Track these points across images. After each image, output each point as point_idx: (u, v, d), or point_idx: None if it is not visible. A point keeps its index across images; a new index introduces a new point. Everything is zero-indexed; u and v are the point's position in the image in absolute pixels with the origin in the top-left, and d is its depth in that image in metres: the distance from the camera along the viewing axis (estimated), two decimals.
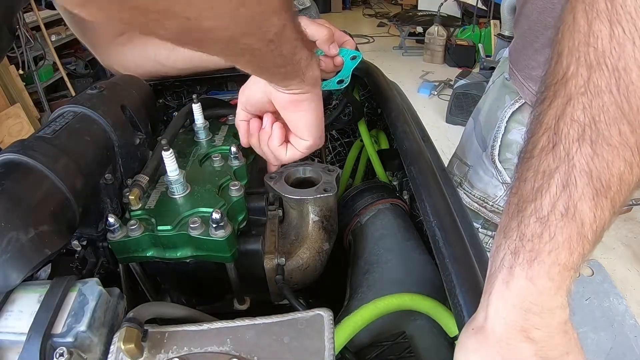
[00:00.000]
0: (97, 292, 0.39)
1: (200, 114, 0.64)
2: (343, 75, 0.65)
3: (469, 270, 0.38)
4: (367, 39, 5.40)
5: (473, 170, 0.83)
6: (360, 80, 0.81)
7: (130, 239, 0.47)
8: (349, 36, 0.69)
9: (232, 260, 0.49)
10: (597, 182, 0.29)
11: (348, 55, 0.67)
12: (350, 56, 0.67)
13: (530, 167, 0.32)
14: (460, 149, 0.91)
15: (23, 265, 0.39)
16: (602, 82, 0.28)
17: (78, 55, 3.42)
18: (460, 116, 3.06)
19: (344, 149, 0.94)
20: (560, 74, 0.31)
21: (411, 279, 0.54)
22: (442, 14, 4.22)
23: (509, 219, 0.33)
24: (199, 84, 0.85)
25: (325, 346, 0.38)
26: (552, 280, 0.30)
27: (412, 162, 0.53)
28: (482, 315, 0.32)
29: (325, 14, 6.75)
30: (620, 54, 0.28)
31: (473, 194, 0.83)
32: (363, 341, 0.50)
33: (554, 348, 0.31)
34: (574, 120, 0.30)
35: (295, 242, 0.58)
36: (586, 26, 0.29)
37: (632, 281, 1.78)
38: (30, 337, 0.35)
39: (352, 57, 0.67)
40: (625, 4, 0.27)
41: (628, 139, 0.28)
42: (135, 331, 0.37)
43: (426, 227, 0.45)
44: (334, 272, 0.64)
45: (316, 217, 0.59)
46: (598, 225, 0.30)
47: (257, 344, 0.38)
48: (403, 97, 0.80)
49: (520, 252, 0.31)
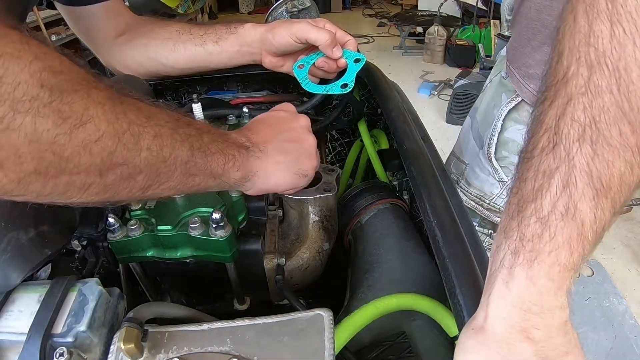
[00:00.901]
0: (97, 292, 0.39)
1: (200, 114, 0.64)
2: (347, 79, 0.65)
3: (469, 270, 0.38)
4: (367, 39, 5.40)
5: (470, 168, 0.83)
6: (360, 80, 0.81)
7: (130, 239, 0.47)
8: (350, 36, 0.69)
9: (232, 260, 0.49)
10: (597, 183, 0.29)
11: (352, 58, 0.66)
12: (354, 59, 0.66)
13: (530, 167, 0.32)
14: (458, 147, 0.91)
15: (23, 265, 0.39)
16: (603, 82, 0.28)
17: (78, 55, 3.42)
18: (460, 116, 3.05)
19: (344, 149, 0.94)
20: (560, 74, 0.31)
21: (411, 279, 0.54)
22: (442, 14, 4.22)
23: (509, 219, 0.33)
24: (199, 84, 0.85)
25: (325, 346, 0.38)
26: (552, 281, 0.30)
27: (412, 162, 0.53)
28: (482, 315, 0.32)
29: (325, 14, 6.75)
30: (621, 54, 0.28)
31: (470, 192, 0.83)
32: (363, 341, 0.50)
33: (553, 348, 0.31)
34: (574, 120, 0.30)
35: (295, 242, 0.58)
36: (587, 26, 0.29)
37: (632, 281, 1.78)
38: (30, 337, 0.35)
39: (355, 60, 0.66)
40: (625, 4, 0.27)
41: (628, 139, 0.28)
42: (135, 331, 0.37)
43: (426, 227, 0.45)
44: (334, 272, 0.64)
45: (316, 217, 0.59)
46: (598, 226, 0.30)
47: (257, 344, 0.38)
48: (403, 97, 0.80)
49: (521, 252, 0.31)
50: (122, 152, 0.31)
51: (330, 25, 0.68)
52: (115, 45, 0.73)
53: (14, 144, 0.26)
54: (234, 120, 0.70)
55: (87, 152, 0.29)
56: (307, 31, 0.64)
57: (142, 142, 0.33)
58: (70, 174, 0.29)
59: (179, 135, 0.37)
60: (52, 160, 0.28)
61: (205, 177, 0.41)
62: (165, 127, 0.36)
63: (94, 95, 0.29)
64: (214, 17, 6.81)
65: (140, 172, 0.34)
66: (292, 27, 0.66)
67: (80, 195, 0.31)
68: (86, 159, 0.29)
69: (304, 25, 0.65)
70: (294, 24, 0.66)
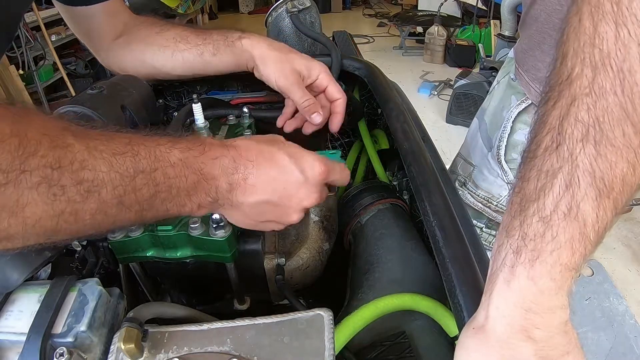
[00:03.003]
0: (97, 292, 0.39)
1: (200, 114, 0.64)
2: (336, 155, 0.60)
3: (469, 270, 0.38)
4: (367, 39, 5.40)
5: (478, 170, 0.83)
6: (360, 80, 0.81)
7: (131, 239, 0.47)
8: (342, 94, 0.66)
9: (232, 260, 0.49)
10: (600, 183, 0.29)
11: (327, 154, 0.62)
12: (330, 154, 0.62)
13: (533, 167, 0.32)
14: (465, 148, 0.91)
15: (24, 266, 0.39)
16: (607, 84, 0.28)
17: (78, 55, 3.42)
18: (460, 116, 3.06)
19: (344, 149, 0.94)
20: (565, 75, 0.31)
21: (411, 279, 0.54)
22: (442, 14, 4.22)
23: (512, 218, 0.33)
24: (199, 84, 0.85)
25: (325, 346, 0.38)
26: (554, 280, 0.30)
27: (412, 162, 0.53)
28: (482, 314, 0.32)
29: (325, 14, 6.75)
30: (626, 56, 0.28)
31: (477, 194, 0.83)
32: (363, 341, 0.50)
33: (554, 348, 0.31)
34: (578, 120, 0.30)
35: (295, 242, 0.58)
36: (592, 28, 0.29)
37: (632, 281, 1.78)
38: (31, 337, 0.35)
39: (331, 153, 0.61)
40: (631, 6, 0.27)
41: (632, 141, 0.28)
42: (135, 331, 0.37)
43: (426, 227, 0.45)
44: (334, 272, 0.64)
45: (316, 217, 0.59)
46: (600, 226, 0.30)
47: (257, 344, 0.38)
48: (403, 97, 0.80)
49: (522, 251, 0.31)
50: (64, 225, 0.31)
51: (325, 75, 0.66)
52: (113, 48, 0.73)
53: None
54: (234, 120, 0.70)
55: (30, 228, 0.30)
56: (289, 88, 0.63)
57: (83, 216, 0.32)
58: (13, 241, 0.30)
59: (127, 202, 0.34)
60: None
61: (160, 218, 0.39)
62: (111, 194, 0.33)
63: (25, 180, 0.28)
64: (214, 17, 6.81)
65: (86, 232, 0.34)
66: (280, 75, 0.63)
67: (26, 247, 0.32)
68: (29, 233, 0.30)
69: (292, 78, 0.63)
70: (285, 72, 0.63)
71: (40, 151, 0.29)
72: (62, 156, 0.30)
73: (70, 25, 0.73)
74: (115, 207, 0.33)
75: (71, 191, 0.30)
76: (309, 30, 0.82)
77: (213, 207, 0.42)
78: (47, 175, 0.29)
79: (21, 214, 0.29)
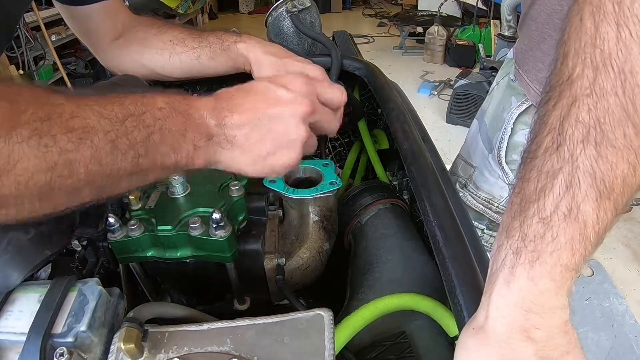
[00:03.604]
0: (97, 292, 0.39)
1: None
2: (331, 177, 0.60)
3: (469, 270, 0.38)
4: (367, 39, 5.40)
5: (478, 171, 0.83)
6: (360, 80, 0.81)
7: (131, 239, 0.47)
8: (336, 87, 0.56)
9: (232, 260, 0.49)
10: (600, 184, 0.29)
11: (319, 164, 0.62)
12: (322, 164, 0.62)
13: (533, 168, 0.32)
14: (465, 150, 0.91)
15: (23, 265, 0.39)
16: (608, 84, 0.28)
17: (78, 55, 3.42)
18: (460, 116, 3.06)
19: (344, 149, 0.94)
20: (565, 75, 0.31)
21: (411, 279, 0.54)
22: (442, 14, 4.22)
23: (512, 219, 0.33)
24: (199, 83, 0.84)
25: (325, 346, 0.38)
26: (554, 281, 0.30)
27: (412, 162, 0.53)
28: (482, 314, 0.32)
29: (325, 14, 6.75)
30: (627, 57, 0.28)
31: (478, 196, 0.82)
32: (363, 341, 0.50)
33: (554, 348, 0.31)
34: (578, 121, 0.30)
35: (296, 242, 0.58)
36: (593, 28, 0.29)
37: (632, 281, 1.78)
38: (31, 337, 0.35)
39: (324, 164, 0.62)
40: (632, 7, 0.27)
41: (632, 142, 0.28)
42: (135, 331, 0.37)
43: (426, 227, 0.45)
44: (334, 272, 0.64)
45: (316, 217, 0.59)
46: (600, 227, 0.30)
47: (257, 344, 0.38)
48: (403, 97, 0.80)
49: (522, 252, 0.31)
50: (58, 181, 0.31)
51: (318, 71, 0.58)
52: (112, 49, 0.73)
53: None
54: None
55: (23, 187, 0.29)
56: None
57: (77, 167, 0.32)
58: (7, 207, 0.30)
59: (121, 147, 0.34)
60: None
61: (159, 172, 0.39)
62: (104, 140, 0.33)
63: (16, 136, 0.28)
64: (214, 17, 6.81)
65: (81, 189, 0.33)
66: None
67: (21, 217, 0.31)
68: (23, 192, 0.29)
69: None
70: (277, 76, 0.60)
71: (30, 109, 0.29)
72: (51, 111, 0.30)
73: (70, 25, 0.73)
74: (109, 154, 0.33)
75: (62, 140, 0.30)
76: (309, 30, 0.82)
77: (210, 148, 0.41)
78: (37, 127, 0.29)
79: (13, 172, 0.28)
